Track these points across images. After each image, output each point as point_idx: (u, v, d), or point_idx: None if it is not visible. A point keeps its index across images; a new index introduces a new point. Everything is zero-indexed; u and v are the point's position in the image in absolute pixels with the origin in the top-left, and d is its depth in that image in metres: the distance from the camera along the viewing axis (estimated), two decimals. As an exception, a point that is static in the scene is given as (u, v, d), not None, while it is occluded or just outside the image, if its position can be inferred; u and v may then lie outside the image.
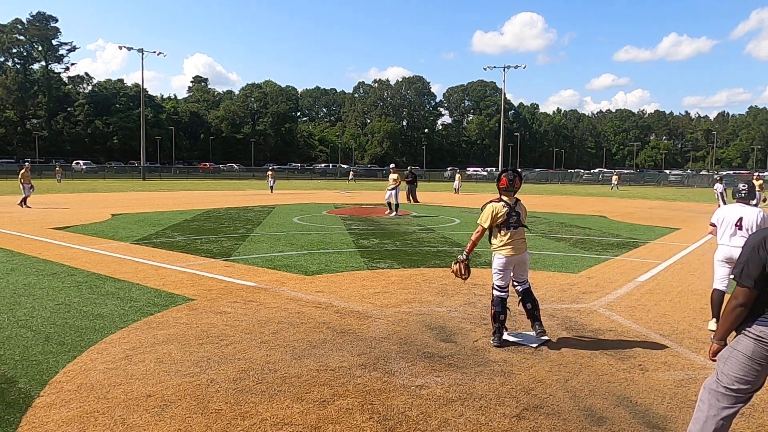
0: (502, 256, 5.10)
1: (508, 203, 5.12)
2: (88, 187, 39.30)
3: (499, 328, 5.12)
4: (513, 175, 5.24)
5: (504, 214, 5.07)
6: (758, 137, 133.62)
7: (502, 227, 5.08)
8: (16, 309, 6.12)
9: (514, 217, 5.11)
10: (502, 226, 5.07)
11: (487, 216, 5.10)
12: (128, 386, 4.07)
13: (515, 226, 5.11)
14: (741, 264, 2.79)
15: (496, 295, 5.13)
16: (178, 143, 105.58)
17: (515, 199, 5.21)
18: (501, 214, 5.07)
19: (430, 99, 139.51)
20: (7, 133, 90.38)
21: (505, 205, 5.11)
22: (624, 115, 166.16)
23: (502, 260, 5.11)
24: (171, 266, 8.79)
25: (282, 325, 5.65)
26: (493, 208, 5.09)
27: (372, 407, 3.79)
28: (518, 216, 5.14)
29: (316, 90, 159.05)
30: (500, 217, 5.06)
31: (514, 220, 5.10)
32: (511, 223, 5.08)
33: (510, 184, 5.16)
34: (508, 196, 5.17)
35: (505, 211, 5.07)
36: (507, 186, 5.17)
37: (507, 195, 5.17)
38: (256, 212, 19.46)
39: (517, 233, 5.13)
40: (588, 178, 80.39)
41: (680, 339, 5.47)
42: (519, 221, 5.14)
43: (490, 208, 5.10)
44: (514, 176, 5.24)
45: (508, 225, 5.08)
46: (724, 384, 2.86)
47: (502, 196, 5.18)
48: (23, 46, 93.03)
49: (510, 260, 5.11)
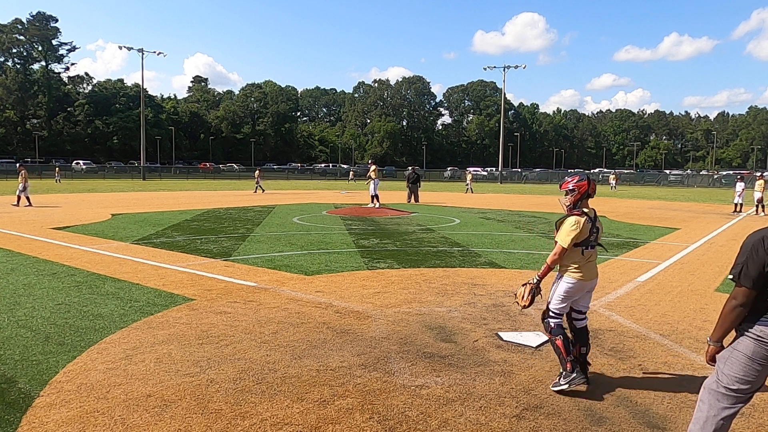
0: (573, 281, 4.18)
1: (590, 217, 4.19)
2: (88, 187, 39.29)
3: (574, 362, 4.15)
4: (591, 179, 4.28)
5: (587, 232, 4.14)
6: (758, 137, 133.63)
7: (579, 246, 4.15)
8: (16, 309, 6.12)
9: (594, 234, 4.22)
10: (580, 245, 4.15)
11: (571, 234, 4.08)
12: (128, 386, 4.07)
13: (593, 245, 4.23)
14: (740, 264, 2.78)
15: (554, 323, 4.24)
16: (178, 143, 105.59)
17: (594, 211, 4.28)
18: (585, 231, 4.13)
19: (430, 99, 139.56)
20: (7, 133, 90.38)
21: (588, 219, 4.16)
22: (624, 115, 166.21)
23: (571, 285, 4.18)
24: (171, 266, 8.79)
25: (282, 325, 5.65)
26: (578, 225, 4.09)
27: (372, 407, 3.79)
28: (598, 233, 4.27)
29: (316, 90, 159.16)
30: (583, 235, 4.13)
31: (594, 239, 4.22)
32: (590, 242, 4.19)
33: (594, 191, 4.24)
34: (587, 207, 4.24)
35: (588, 226, 4.14)
36: (590, 193, 4.21)
37: (586, 206, 4.24)
38: (256, 212, 19.46)
39: (592, 254, 4.26)
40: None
41: (680, 339, 5.47)
42: (597, 240, 4.28)
43: (574, 225, 4.09)
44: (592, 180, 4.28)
45: (587, 243, 4.17)
46: (725, 384, 2.85)
47: (582, 207, 4.21)
48: (23, 46, 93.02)
49: (581, 286, 4.22)
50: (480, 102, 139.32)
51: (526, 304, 4.27)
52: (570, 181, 4.25)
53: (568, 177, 4.33)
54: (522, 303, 4.28)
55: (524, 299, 4.27)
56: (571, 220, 4.12)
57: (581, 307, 4.36)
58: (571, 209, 4.19)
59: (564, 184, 4.29)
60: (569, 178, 4.29)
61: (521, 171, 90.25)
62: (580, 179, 4.21)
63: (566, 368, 4.10)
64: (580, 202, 4.20)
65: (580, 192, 4.18)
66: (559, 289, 4.26)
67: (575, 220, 4.10)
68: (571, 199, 4.20)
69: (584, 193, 4.18)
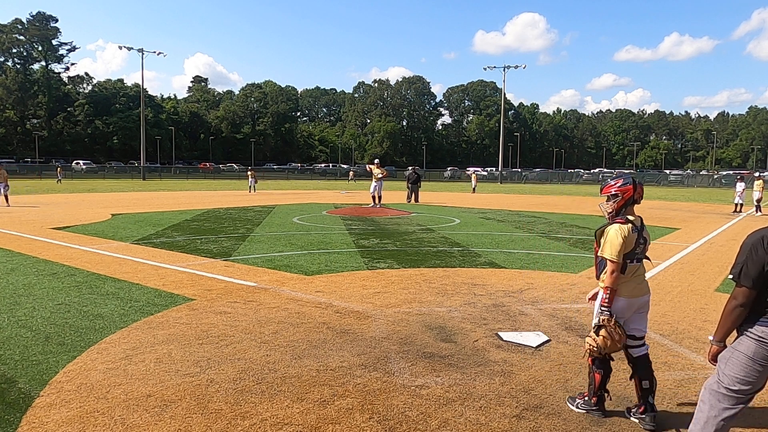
0: (620, 298, 3.64)
1: (636, 225, 3.65)
2: (88, 187, 39.29)
3: (602, 398, 3.77)
4: (637, 181, 3.72)
5: (632, 243, 3.61)
6: (758, 137, 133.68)
7: (625, 258, 3.59)
8: (16, 309, 6.12)
9: (641, 245, 3.67)
10: (626, 257, 3.60)
11: (619, 245, 3.54)
12: (128, 386, 4.07)
13: (640, 257, 3.69)
14: (740, 264, 2.78)
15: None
16: (178, 143, 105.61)
17: (640, 219, 3.74)
18: (630, 242, 3.60)
19: (430, 99, 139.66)
20: (7, 133, 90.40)
21: (634, 228, 3.62)
22: (624, 115, 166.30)
23: (618, 304, 3.64)
24: (171, 266, 8.78)
25: (282, 325, 5.64)
26: (624, 234, 3.56)
27: (372, 407, 3.79)
28: (645, 243, 3.71)
29: (316, 90, 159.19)
30: (629, 246, 3.60)
31: (641, 250, 3.68)
32: (636, 254, 3.64)
33: (640, 196, 3.71)
34: (632, 214, 3.71)
35: (634, 236, 3.61)
36: (635, 198, 3.68)
37: (632, 213, 3.71)
38: (256, 212, 19.46)
39: (639, 268, 3.71)
40: (588, 178, 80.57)
41: (680, 339, 5.47)
42: (644, 252, 3.73)
43: (620, 234, 3.56)
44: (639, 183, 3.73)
45: (633, 256, 3.62)
46: (725, 385, 2.85)
47: (626, 214, 3.67)
48: (23, 46, 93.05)
49: (627, 304, 3.66)
50: (480, 102, 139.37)
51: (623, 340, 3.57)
52: (613, 185, 3.70)
53: (611, 179, 3.77)
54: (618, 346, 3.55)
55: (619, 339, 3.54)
56: (613, 230, 3.60)
57: (634, 332, 3.71)
58: (614, 217, 3.66)
59: (606, 188, 3.75)
60: (612, 181, 3.74)
61: (521, 171, 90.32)
62: (625, 182, 3.66)
63: (591, 400, 3.76)
64: (625, 208, 3.66)
65: (625, 198, 3.64)
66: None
67: (619, 230, 3.57)
68: (614, 206, 3.66)
69: (629, 198, 3.65)
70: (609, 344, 3.53)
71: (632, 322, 3.71)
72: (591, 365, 3.75)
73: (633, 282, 3.66)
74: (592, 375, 3.75)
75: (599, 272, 3.72)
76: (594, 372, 3.73)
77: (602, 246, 3.64)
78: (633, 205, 3.69)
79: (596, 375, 3.72)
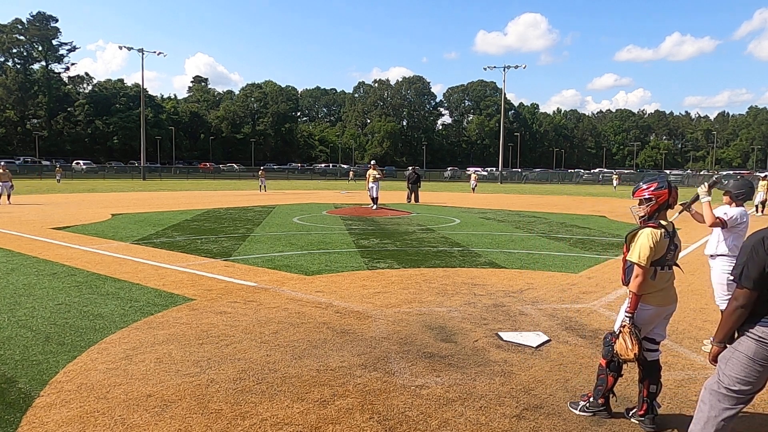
0: (649, 307, 3.52)
1: (668, 231, 3.51)
2: (88, 187, 39.29)
3: (608, 400, 3.75)
4: (672, 185, 3.58)
5: (663, 248, 3.48)
6: (758, 137, 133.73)
7: (652, 265, 3.47)
8: (16, 309, 6.12)
9: (672, 251, 3.55)
10: (656, 264, 3.47)
11: (648, 250, 3.41)
12: (128, 386, 4.07)
13: (670, 264, 3.58)
14: (740, 265, 2.78)
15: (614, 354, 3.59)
16: (178, 143, 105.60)
17: (672, 225, 3.60)
18: (662, 247, 3.47)
19: (430, 99, 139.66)
20: (7, 133, 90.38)
21: (665, 234, 3.49)
22: (624, 115, 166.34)
23: (647, 312, 3.54)
24: (171, 266, 8.79)
25: (282, 325, 5.65)
26: (654, 239, 3.43)
27: (372, 407, 3.79)
28: (676, 250, 3.59)
29: (317, 90, 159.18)
30: (660, 252, 3.47)
31: (671, 256, 3.56)
32: (667, 260, 3.52)
33: (675, 200, 3.59)
34: (665, 219, 3.59)
35: (665, 243, 3.48)
36: (670, 203, 3.55)
37: (664, 218, 3.59)
38: (256, 212, 19.46)
39: (670, 276, 3.60)
40: (588, 178, 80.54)
41: (680, 339, 5.47)
42: (674, 258, 3.61)
43: (650, 239, 3.43)
44: (673, 187, 3.59)
45: (663, 262, 3.50)
46: (726, 385, 2.85)
47: (659, 219, 3.55)
48: (23, 46, 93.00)
49: (657, 312, 3.58)
50: (480, 102, 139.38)
51: (635, 352, 3.42)
52: (645, 189, 3.56)
53: (644, 183, 3.61)
54: (630, 355, 3.43)
55: (631, 349, 3.42)
56: (644, 234, 3.46)
57: (655, 336, 3.68)
58: (646, 221, 3.54)
59: (638, 192, 3.61)
60: (645, 184, 3.59)
61: (521, 171, 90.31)
62: (660, 186, 3.52)
63: (598, 400, 3.71)
64: (658, 213, 3.54)
65: (659, 202, 3.51)
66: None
67: (650, 234, 3.43)
68: (647, 210, 3.55)
69: (663, 203, 3.51)
70: (624, 352, 3.46)
71: (656, 327, 3.68)
72: (605, 368, 3.68)
73: (665, 290, 3.57)
74: (605, 377, 3.67)
75: (627, 278, 3.60)
76: (608, 374, 3.66)
77: (631, 250, 3.51)
78: (666, 210, 3.57)
79: (609, 378, 3.66)
